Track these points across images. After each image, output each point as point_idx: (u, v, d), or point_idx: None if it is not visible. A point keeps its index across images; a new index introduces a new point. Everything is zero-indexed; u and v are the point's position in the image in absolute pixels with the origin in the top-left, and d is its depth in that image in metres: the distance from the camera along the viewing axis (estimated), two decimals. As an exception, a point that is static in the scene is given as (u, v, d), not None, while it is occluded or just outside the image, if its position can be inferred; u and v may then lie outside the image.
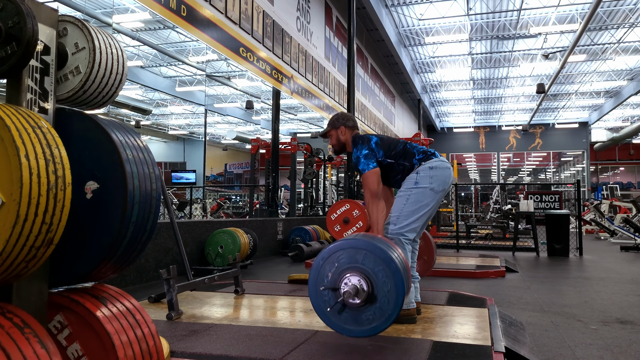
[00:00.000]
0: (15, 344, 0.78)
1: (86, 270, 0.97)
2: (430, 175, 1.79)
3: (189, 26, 3.85)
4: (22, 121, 0.85)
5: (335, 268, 1.40)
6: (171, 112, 15.87)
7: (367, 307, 1.36)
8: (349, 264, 1.38)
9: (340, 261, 1.40)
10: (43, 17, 0.99)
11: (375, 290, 1.35)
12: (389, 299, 1.34)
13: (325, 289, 1.39)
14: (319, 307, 1.42)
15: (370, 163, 1.79)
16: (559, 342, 1.77)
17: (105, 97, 1.10)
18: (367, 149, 1.82)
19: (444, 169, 1.82)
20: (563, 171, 22.24)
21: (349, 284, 1.35)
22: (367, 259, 1.37)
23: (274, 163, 6.17)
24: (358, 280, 1.35)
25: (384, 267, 1.35)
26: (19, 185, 0.80)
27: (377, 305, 1.35)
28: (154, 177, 1.03)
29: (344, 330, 1.40)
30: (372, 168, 1.79)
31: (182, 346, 1.48)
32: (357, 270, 1.37)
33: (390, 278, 1.34)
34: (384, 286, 1.35)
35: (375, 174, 1.79)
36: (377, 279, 1.35)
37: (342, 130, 1.94)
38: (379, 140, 1.86)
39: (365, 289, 1.34)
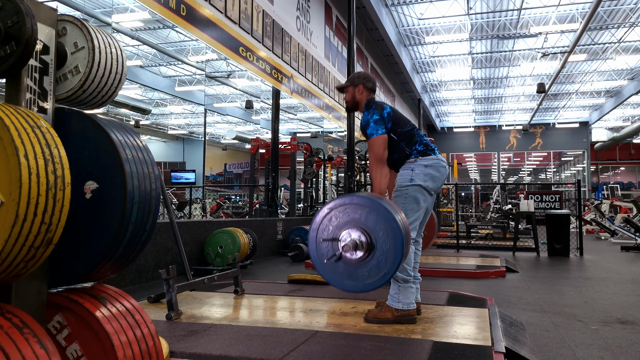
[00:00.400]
0: (14, 344, 0.77)
1: (85, 270, 0.97)
2: (425, 173, 1.79)
3: (188, 26, 3.85)
4: (21, 121, 0.85)
5: (338, 221, 1.41)
6: (171, 111, 15.86)
7: (364, 263, 1.37)
8: (352, 218, 1.39)
9: (344, 215, 1.40)
10: (42, 17, 0.99)
11: (374, 247, 1.36)
12: (387, 257, 1.35)
13: (325, 240, 1.40)
14: (317, 259, 1.43)
15: (379, 129, 1.79)
16: (560, 343, 1.76)
17: (104, 97, 1.10)
18: (378, 115, 1.81)
19: (439, 168, 1.82)
20: (563, 171, 22.22)
21: (349, 237, 1.36)
22: (370, 217, 1.37)
23: (273, 163, 6.17)
24: (358, 236, 1.36)
25: (385, 226, 1.35)
26: (18, 185, 0.79)
27: (374, 262, 1.36)
28: (153, 177, 1.03)
29: (338, 283, 1.41)
30: (380, 134, 1.78)
31: (181, 346, 1.48)
32: (359, 225, 1.37)
33: (390, 237, 1.35)
34: (384, 244, 1.35)
35: (383, 139, 1.78)
36: (377, 236, 1.36)
37: (359, 89, 1.92)
38: (391, 112, 1.85)
39: (364, 245, 1.35)
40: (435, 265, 3.72)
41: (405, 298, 1.77)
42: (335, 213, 1.41)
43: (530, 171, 22.31)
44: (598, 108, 17.09)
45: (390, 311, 1.77)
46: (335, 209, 1.42)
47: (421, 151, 1.82)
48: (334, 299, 2.25)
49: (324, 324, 1.80)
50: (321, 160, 8.11)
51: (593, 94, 15.58)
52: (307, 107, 6.81)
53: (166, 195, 2.40)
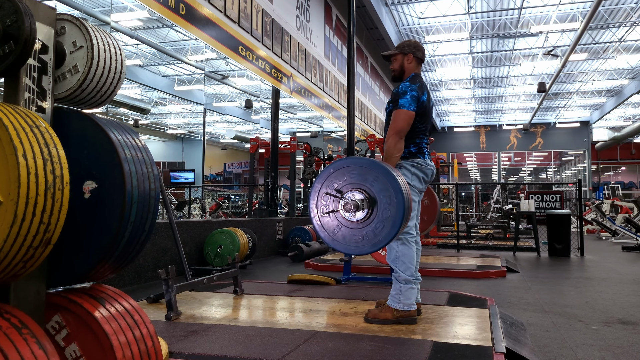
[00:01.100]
0: (13, 344, 0.77)
1: (84, 270, 0.97)
2: (412, 172, 1.80)
3: (187, 25, 3.84)
4: (19, 120, 0.85)
5: (344, 179, 1.39)
6: (170, 111, 15.85)
7: (361, 226, 1.36)
8: (359, 180, 1.37)
9: (352, 175, 1.39)
10: (41, 16, 0.98)
11: (374, 212, 1.35)
12: (385, 225, 1.34)
13: (328, 194, 1.38)
14: (315, 213, 1.42)
15: (413, 104, 1.74)
16: (560, 343, 1.76)
17: (103, 96, 1.09)
18: (417, 93, 1.76)
19: (426, 169, 1.83)
20: (564, 171, 22.20)
21: (353, 197, 1.35)
22: (376, 183, 1.36)
23: (273, 162, 6.16)
24: (361, 198, 1.35)
25: (391, 194, 1.34)
26: (16, 185, 0.79)
27: (370, 227, 1.35)
28: (152, 177, 1.03)
29: (332, 242, 1.41)
30: (411, 109, 1.73)
31: (180, 347, 1.48)
32: (364, 189, 1.36)
33: (392, 206, 1.33)
34: (384, 212, 1.34)
35: (410, 116, 1.73)
36: (380, 202, 1.35)
37: (409, 58, 1.86)
38: (426, 102, 1.81)
39: (365, 207, 1.34)
40: (435, 266, 3.71)
41: (406, 299, 1.76)
42: (343, 172, 1.40)
43: (531, 171, 22.29)
44: (599, 107, 17.07)
45: (391, 311, 1.77)
46: (344, 167, 1.40)
47: (413, 152, 1.81)
48: (334, 299, 2.25)
49: (323, 324, 1.79)
50: (321, 159, 8.11)
51: (594, 94, 15.56)
52: (307, 106, 6.81)
53: (165, 195, 2.40)
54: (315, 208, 1.41)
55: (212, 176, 17.33)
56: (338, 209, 1.36)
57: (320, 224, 1.41)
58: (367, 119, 10.06)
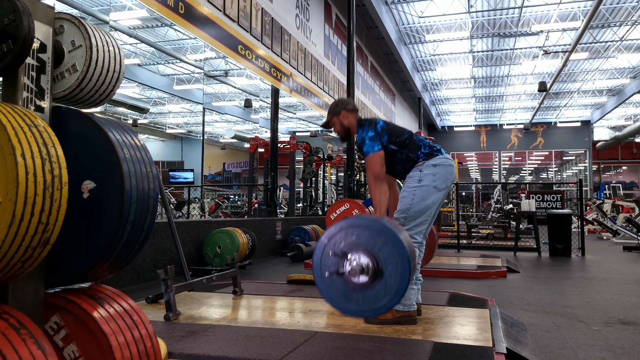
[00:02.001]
0: (11, 345, 0.77)
1: (83, 270, 0.96)
2: (434, 173, 1.77)
3: (186, 24, 3.84)
4: (18, 120, 0.84)
5: (351, 241, 1.38)
6: (169, 110, 15.83)
7: (363, 289, 1.35)
8: (366, 243, 1.36)
9: (359, 236, 1.38)
10: (39, 15, 0.98)
11: (380, 278, 1.34)
12: (387, 292, 1.33)
13: (334, 255, 1.37)
14: (318, 270, 1.40)
15: (375, 145, 1.77)
16: (561, 343, 1.75)
17: (102, 96, 1.09)
18: (373, 131, 1.80)
19: (447, 167, 1.80)
20: (565, 170, 22.18)
21: (357, 261, 1.34)
22: (385, 248, 1.35)
23: (272, 162, 6.15)
24: (366, 261, 1.34)
25: (397, 261, 1.33)
26: (14, 185, 0.79)
27: (372, 292, 1.34)
28: (151, 177, 1.02)
29: (331, 300, 1.39)
30: (376, 150, 1.77)
31: (179, 347, 1.48)
32: (371, 253, 1.35)
33: (397, 274, 1.32)
34: (389, 279, 1.33)
35: (380, 156, 1.77)
36: (386, 269, 1.33)
37: (343, 115, 1.91)
38: (385, 124, 1.84)
39: (370, 272, 1.33)
40: (435, 266, 3.71)
41: (406, 299, 1.76)
42: (352, 231, 1.39)
43: (532, 170, 22.27)
44: (600, 107, 17.04)
45: (391, 312, 1.76)
46: (352, 227, 1.39)
47: (427, 153, 1.81)
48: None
49: (323, 324, 1.79)
50: (321, 159, 8.10)
51: (595, 93, 15.54)
52: (307, 105, 6.80)
53: (164, 194, 2.40)
54: (320, 268, 1.40)
55: (212, 176, 17.32)
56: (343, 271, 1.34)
57: (323, 283, 1.39)
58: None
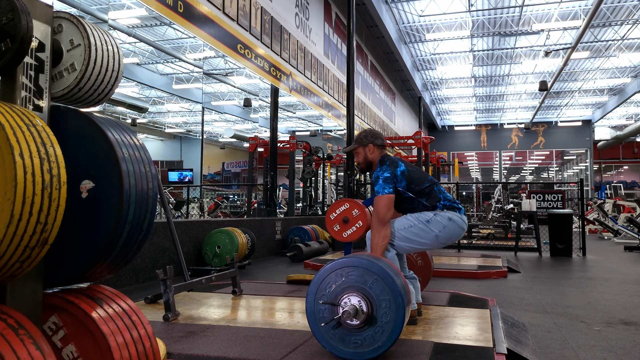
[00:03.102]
0: (10, 345, 0.76)
1: (81, 270, 0.96)
2: (445, 225, 1.74)
3: (186, 23, 3.83)
4: (16, 119, 0.84)
5: (341, 282, 1.36)
6: (168, 109, 15.81)
7: (359, 331, 1.33)
8: (356, 283, 1.34)
9: (349, 277, 1.35)
10: (38, 14, 0.97)
11: (374, 317, 1.31)
12: (384, 330, 1.30)
13: (325, 303, 1.35)
14: (313, 319, 1.39)
15: (387, 187, 1.73)
16: (562, 344, 1.75)
17: (100, 95, 1.08)
18: (390, 173, 1.76)
19: (458, 228, 1.77)
20: (566, 170, 22.15)
21: (350, 303, 1.32)
22: (376, 285, 1.32)
23: (272, 162, 6.14)
24: (359, 302, 1.31)
25: (390, 297, 1.31)
26: (13, 185, 0.78)
27: (369, 332, 1.31)
28: (150, 176, 1.02)
29: (330, 347, 1.36)
30: (387, 193, 1.72)
31: (178, 348, 1.47)
32: (363, 292, 1.33)
33: (392, 310, 1.30)
34: (384, 316, 1.31)
35: (389, 199, 1.72)
36: (379, 307, 1.31)
37: (370, 149, 1.86)
38: (406, 170, 1.79)
39: (364, 312, 1.31)
40: (436, 266, 3.69)
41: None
42: (340, 273, 1.36)
43: (532, 170, 22.25)
44: (601, 106, 17.02)
45: (391, 312, 1.76)
46: (339, 269, 1.37)
47: (447, 206, 1.77)
48: (334, 299, 2.24)
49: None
50: (320, 159, 8.09)
51: (596, 92, 15.52)
52: (306, 105, 6.79)
53: (163, 194, 2.39)
54: (314, 318, 1.37)
55: (211, 175, 17.31)
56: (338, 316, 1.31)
57: (319, 330, 1.36)
58: (366, 117, 10.04)
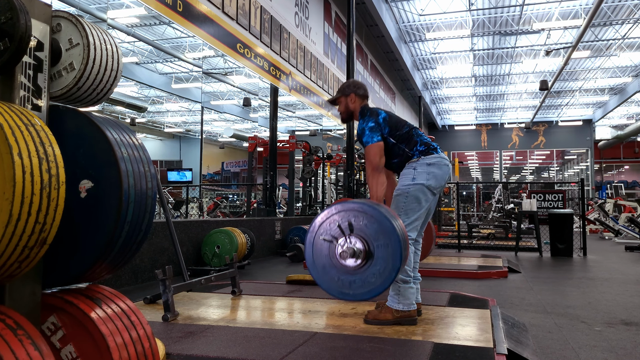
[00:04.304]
0: (8, 345, 0.76)
1: (80, 270, 0.96)
2: (428, 172, 1.76)
3: (185, 22, 3.82)
4: (14, 119, 0.83)
5: (346, 224, 1.36)
6: (167, 109, 15.79)
7: (360, 271, 1.34)
8: (362, 228, 1.35)
9: (355, 221, 1.36)
10: (36, 13, 0.97)
11: (372, 256, 1.32)
12: (384, 268, 1.31)
13: (325, 240, 1.37)
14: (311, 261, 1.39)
15: (374, 136, 1.77)
16: (563, 344, 1.75)
17: (99, 94, 1.08)
18: (374, 122, 1.80)
19: (442, 166, 1.79)
20: (566, 169, 22.13)
21: (350, 244, 1.32)
22: (371, 225, 1.33)
23: (271, 161, 6.13)
24: (360, 247, 1.32)
25: (386, 236, 1.31)
26: (11, 184, 0.78)
27: (369, 272, 1.32)
28: (149, 176, 1.02)
29: (320, 280, 1.39)
30: (376, 141, 1.76)
31: (178, 348, 1.47)
32: (359, 233, 1.33)
33: (389, 248, 1.30)
34: (382, 254, 1.31)
35: (379, 147, 1.77)
36: (377, 256, 1.32)
37: (351, 98, 1.90)
38: (387, 116, 1.83)
39: (362, 253, 1.32)
40: (436, 266, 3.70)
41: (405, 299, 1.75)
42: (336, 218, 1.38)
43: (533, 170, 22.23)
44: (602, 105, 16.99)
45: (390, 312, 1.75)
46: (336, 213, 1.38)
47: (423, 151, 1.80)
48: (333, 300, 2.23)
49: (323, 325, 1.78)
50: (320, 158, 8.08)
51: (597, 91, 15.50)
52: (306, 104, 6.78)
53: (162, 194, 2.39)
54: (312, 259, 1.39)
55: (210, 175, 17.30)
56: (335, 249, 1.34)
57: (320, 274, 1.39)
58: (367, 117, 9.98)
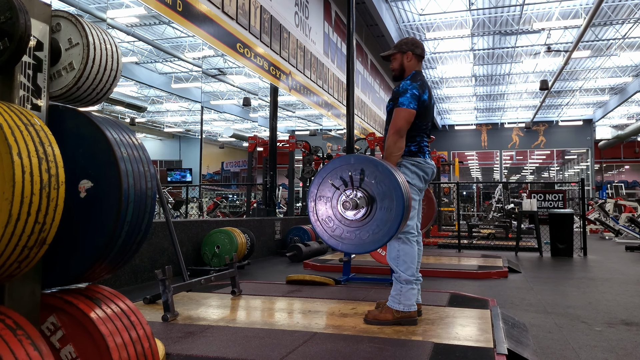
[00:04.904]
0: (8, 346, 0.76)
1: (80, 270, 0.96)
2: (413, 171, 1.78)
3: (184, 21, 3.82)
4: (14, 118, 0.83)
5: (354, 176, 1.37)
6: (167, 109, 15.79)
7: (363, 223, 1.34)
8: (366, 182, 1.35)
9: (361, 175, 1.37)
10: (36, 12, 0.97)
11: (373, 212, 1.32)
12: (387, 219, 1.32)
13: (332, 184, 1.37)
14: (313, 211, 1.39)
15: (412, 102, 1.73)
16: (563, 344, 1.74)
17: (99, 94, 1.08)
18: (417, 90, 1.76)
19: (423, 168, 1.81)
20: (567, 169, 22.12)
21: (355, 195, 1.32)
22: (377, 182, 1.33)
23: (271, 161, 6.13)
24: (363, 199, 1.32)
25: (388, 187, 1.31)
26: (11, 184, 0.78)
27: (373, 223, 1.33)
28: (149, 176, 1.01)
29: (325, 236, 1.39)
30: (411, 107, 1.73)
31: (177, 348, 1.47)
32: (369, 192, 1.34)
33: (392, 208, 1.30)
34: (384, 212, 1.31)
35: (411, 114, 1.73)
36: (380, 203, 1.32)
37: (408, 56, 1.86)
38: (427, 100, 1.80)
39: (363, 209, 1.33)
40: (436, 266, 3.70)
41: (406, 299, 1.75)
42: (333, 174, 1.39)
43: (533, 170, 22.22)
44: (602, 105, 16.98)
45: (391, 312, 1.75)
46: (332, 170, 1.39)
47: (413, 152, 1.80)
48: (333, 300, 2.23)
49: (322, 325, 1.78)
50: (320, 158, 8.08)
51: (597, 91, 15.48)
52: (306, 104, 6.78)
53: (162, 194, 2.39)
54: (313, 204, 1.40)
55: (210, 175, 17.29)
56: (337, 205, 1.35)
57: (318, 221, 1.40)
58: (366, 117, 10.03)
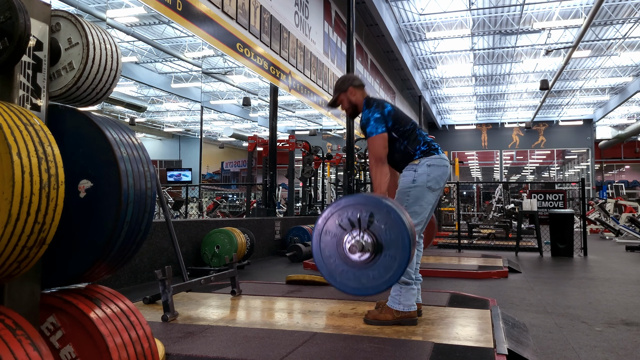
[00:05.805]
0: (7, 346, 0.76)
1: (79, 270, 0.96)
2: (428, 173, 1.76)
3: (184, 21, 3.82)
4: (13, 118, 0.83)
5: (360, 217, 1.35)
6: (166, 109, 15.78)
7: (368, 266, 1.33)
8: (375, 226, 1.34)
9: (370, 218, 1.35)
10: (35, 12, 0.97)
11: (381, 250, 1.31)
12: (392, 262, 1.31)
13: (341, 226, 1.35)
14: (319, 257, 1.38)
15: (379, 127, 1.76)
16: (563, 344, 1.74)
17: (99, 94, 1.08)
18: (379, 113, 1.78)
19: (441, 167, 1.79)
20: (567, 169, 22.11)
21: (361, 238, 1.31)
22: (382, 222, 1.31)
23: (271, 161, 6.13)
24: (369, 244, 1.30)
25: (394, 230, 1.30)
26: (10, 184, 0.78)
27: (378, 266, 1.31)
28: (148, 176, 1.01)
29: (340, 285, 1.36)
30: (380, 132, 1.75)
31: (177, 348, 1.47)
32: (377, 237, 1.32)
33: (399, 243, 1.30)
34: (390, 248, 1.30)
35: (383, 138, 1.75)
36: (385, 240, 1.31)
37: (351, 92, 1.89)
38: (392, 110, 1.82)
39: (370, 247, 1.31)
40: (436, 266, 3.70)
41: (406, 300, 1.75)
42: (342, 213, 1.37)
43: (533, 169, 22.21)
44: (602, 105, 16.98)
45: (391, 312, 1.75)
46: (342, 208, 1.37)
47: (425, 151, 1.79)
48: (333, 300, 2.23)
49: (322, 325, 1.78)
50: (320, 158, 8.09)
51: (597, 91, 15.48)
52: (306, 104, 6.78)
53: (162, 194, 2.38)
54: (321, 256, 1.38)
55: (210, 175, 17.29)
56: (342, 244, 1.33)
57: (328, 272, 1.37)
58: (367, 117, 9.98)
